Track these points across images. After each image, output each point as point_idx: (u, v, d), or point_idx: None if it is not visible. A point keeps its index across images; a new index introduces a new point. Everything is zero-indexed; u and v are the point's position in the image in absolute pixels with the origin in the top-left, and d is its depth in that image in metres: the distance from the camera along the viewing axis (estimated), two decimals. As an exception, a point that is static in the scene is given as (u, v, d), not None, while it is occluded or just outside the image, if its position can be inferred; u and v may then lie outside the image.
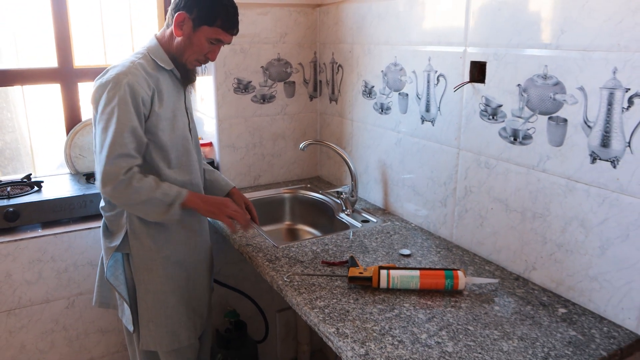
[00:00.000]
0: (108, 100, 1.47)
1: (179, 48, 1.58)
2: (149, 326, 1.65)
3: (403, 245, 1.69)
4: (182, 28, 1.55)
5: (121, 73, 1.49)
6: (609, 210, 1.21)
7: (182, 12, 1.53)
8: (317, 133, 2.48)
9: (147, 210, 1.53)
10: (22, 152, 2.38)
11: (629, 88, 1.12)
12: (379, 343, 1.15)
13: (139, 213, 1.56)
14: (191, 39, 1.56)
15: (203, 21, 1.53)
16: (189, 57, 1.60)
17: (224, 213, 1.60)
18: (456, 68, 1.58)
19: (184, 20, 1.54)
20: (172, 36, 1.58)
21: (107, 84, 1.48)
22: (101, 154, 1.47)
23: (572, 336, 1.18)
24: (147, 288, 1.64)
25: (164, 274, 1.65)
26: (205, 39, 1.56)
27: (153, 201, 1.50)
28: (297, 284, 1.43)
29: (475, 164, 1.56)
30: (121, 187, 1.46)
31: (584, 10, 1.19)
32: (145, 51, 1.60)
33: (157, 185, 1.52)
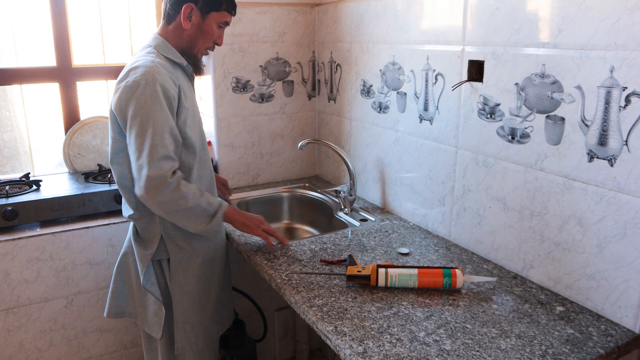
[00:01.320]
0: (141, 103, 1.40)
1: (189, 40, 1.57)
2: (184, 328, 1.63)
3: (401, 243, 1.69)
4: (190, 19, 1.53)
5: (148, 73, 1.42)
6: (606, 208, 1.21)
7: (189, 4, 1.51)
8: (315, 132, 2.48)
9: (190, 218, 1.48)
10: (20, 151, 2.38)
11: (626, 86, 1.13)
12: (377, 341, 1.15)
13: (180, 221, 1.49)
14: (201, 27, 1.55)
15: (211, 7, 1.53)
16: (200, 47, 1.59)
17: (261, 228, 1.62)
18: (454, 67, 1.58)
19: (191, 11, 1.52)
20: (178, 30, 1.56)
21: (135, 86, 1.41)
22: (140, 159, 1.40)
23: (569, 334, 1.18)
24: (183, 290, 1.61)
25: (198, 274, 1.64)
26: (215, 25, 1.56)
27: (197, 209, 1.47)
28: (295, 282, 1.43)
29: (474, 163, 1.56)
30: (168, 192, 1.40)
31: (581, 9, 1.20)
32: (153, 50, 1.55)
33: (201, 193, 1.49)
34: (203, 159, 1.64)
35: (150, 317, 1.61)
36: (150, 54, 1.53)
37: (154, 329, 1.60)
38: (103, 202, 2.02)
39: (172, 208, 1.44)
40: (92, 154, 2.30)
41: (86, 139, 2.28)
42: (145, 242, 1.59)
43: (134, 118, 1.41)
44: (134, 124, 1.41)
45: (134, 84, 1.42)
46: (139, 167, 1.41)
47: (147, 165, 1.39)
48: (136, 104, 1.41)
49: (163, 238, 1.58)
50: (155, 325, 1.60)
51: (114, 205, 2.03)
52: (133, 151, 1.42)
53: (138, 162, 1.41)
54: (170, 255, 1.59)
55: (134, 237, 1.60)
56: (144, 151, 1.39)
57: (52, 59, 2.23)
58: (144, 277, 1.58)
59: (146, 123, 1.40)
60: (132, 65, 1.49)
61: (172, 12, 1.55)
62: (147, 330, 1.63)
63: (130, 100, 1.41)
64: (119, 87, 1.45)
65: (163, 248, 1.58)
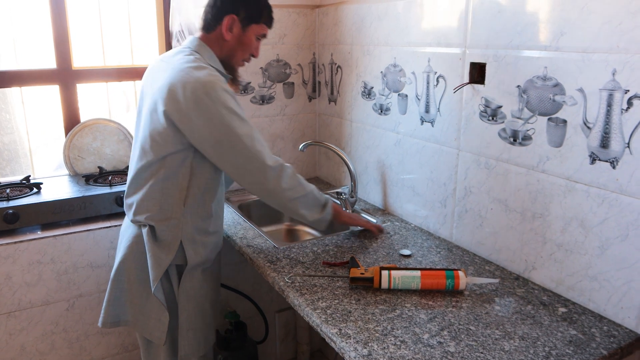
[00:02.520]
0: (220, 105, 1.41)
1: (229, 50, 1.58)
2: (188, 335, 1.61)
3: (403, 245, 1.70)
4: (232, 30, 1.55)
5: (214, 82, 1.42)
6: (608, 210, 1.22)
7: (231, 15, 1.53)
8: (316, 134, 2.48)
9: (307, 206, 1.58)
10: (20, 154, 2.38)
11: (628, 89, 1.13)
12: (382, 343, 1.15)
13: (299, 209, 1.57)
14: (241, 39, 1.57)
15: (252, 20, 1.56)
16: (238, 58, 1.61)
17: (370, 224, 1.76)
18: (456, 69, 1.59)
19: (233, 22, 1.54)
20: (218, 40, 1.57)
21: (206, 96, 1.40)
22: (257, 158, 1.46)
23: (572, 335, 1.19)
24: (189, 295, 1.59)
25: (202, 279, 1.63)
26: (254, 37, 1.59)
27: (311, 197, 1.58)
28: (298, 285, 1.43)
29: (475, 165, 1.57)
30: (288, 179, 1.51)
31: (583, 12, 1.20)
32: (199, 57, 1.52)
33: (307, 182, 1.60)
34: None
35: (153, 324, 1.57)
36: (198, 60, 1.50)
37: (157, 335, 1.57)
38: (104, 204, 2.01)
39: (294, 195, 1.54)
40: (92, 156, 2.30)
41: (86, 141, 2.28)
42: (166, 246, 1.53)
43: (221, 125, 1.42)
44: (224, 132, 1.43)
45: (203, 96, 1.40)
46: (254, 164, 1.47)
47: (264, 158, 1.47)
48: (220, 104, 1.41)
49: (182, 243, 1.55)
50: (159, 332, 1.56)
51: (115, 208, 2.03)
52: (239, 150, 1.45)
53: (251, 159, 1.46)
54: (188, 261, 1.56)
55: (151, 241, 1.53)
56: (253, 147, 1.45)
57: (52, 61, 2.23)
58: (155, 285, 1.52)
59: (242, 123, 1.45)
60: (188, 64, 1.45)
61: (212, 21, 1.56)
62: (149, 337, 1.59)
63: (209, 109, 1.40)
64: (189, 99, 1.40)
65: (181, 254, 1.55)
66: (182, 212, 1.53)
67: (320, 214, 1.61)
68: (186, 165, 1.51)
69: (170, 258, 1.53)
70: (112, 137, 2.32)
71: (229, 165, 1.49)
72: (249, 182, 1.52)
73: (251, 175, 1.49)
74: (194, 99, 1.40)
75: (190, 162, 1.51)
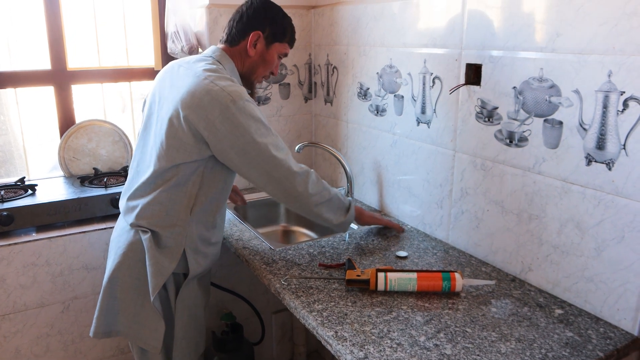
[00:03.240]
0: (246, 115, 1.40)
1: (251, 66, 1.59)
2: (181, 344, 1.59)
3: (399, 247, 1.70)
4: (255, 46, 1.57)
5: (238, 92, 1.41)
6: (604, 212, 1.22)
7: (257, 32, 1.55)
8: (312, 135, 2.48)
9: (332, 209, 1.59)
10: (15, 155, 2.36)
11: (624, 91, 1.13)
12: (378, 346, 1.15)
13: (325, 213, 1.58)
14: (264, 56, 1.59)
15: (276, 38, 1.58)
16: (259, 75, 1.62)
17: (385, 219, 1.79)
18: (452, 70, 1.59)
19: (258, 38, 1.56)
20: (241, 54, 1.58)
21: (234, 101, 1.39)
22: (284, 165, 1.46)
23: (569, 337, 1.19)
24: (185, 304, 1.58)
25: (197, 288, 1.62)
26: (276, 55, 1.61)
27: (336, 200, 1.59)
28: (294, 287, 1.43)
29: (471, 166, 1.56)
30: (314, 184, 1.52)
31: (579, 14, 1.20)
32: (221, 67, 1.52)
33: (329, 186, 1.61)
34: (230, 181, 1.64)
35: (149, 333, 1.53)
36: (221, 72, 1.48)
37: (153, 344, 1.52)
38: (99, 206, 2.00)
39: (320, 199, 1.55)
40: (87, 158, 2.29)
41: (81, 143, 2.27)
42: (169, 254, 1.49)
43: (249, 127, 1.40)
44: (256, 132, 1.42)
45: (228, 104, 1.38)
46: (281, 171, 1.46)
47: (289, 165, 1.47)
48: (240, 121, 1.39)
49: (185, 252, 1.52)
50: (155, 341, 1.52)
51: (111, 210, 2.02)
52: (266, 158, 1.44)
53: (278, 166, 1.46)
54: (190, 269, 1.53)
55: (153, 248, 1.48)
56: (279, 154, 1.46)
57: (46, 62, 2.22)
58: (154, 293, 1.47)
59: (267, 132, 1.45)
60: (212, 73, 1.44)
61: (237, 36, 1.57)
62: (144, 346, 1.54)
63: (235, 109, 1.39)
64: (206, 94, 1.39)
65: (183, 263, 1.53)
66: (188, 220, 1.50)
67: (344, 216, 1.63)
68: (198, 173, 1.48)
69: (173, 266, 1.49)
70: (108, 138, 2.31)
71: (255, 173, 1.47)
72: (275, 189, 1.50)
73: (278, 182, 1.48)
74: (220, 107, 1.38)
75: (202, 171, 1.49)
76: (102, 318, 1.56)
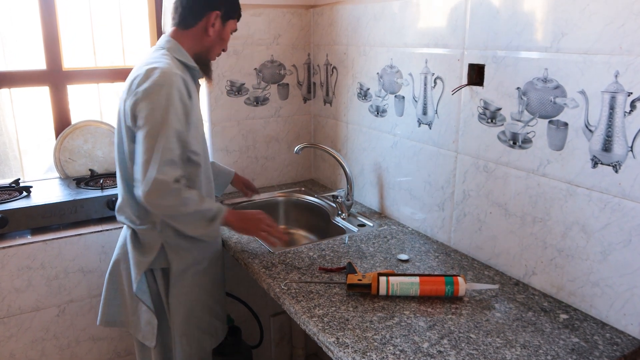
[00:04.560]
0: (157, 104, 1.39)
1: (208, 46, 1.60)
2: (182, 341, 1.61)
3: (400, 250, 1.67)
4: (214, 26, 1.57)
5: (167, 75, 1.42)
6: (610, 215, 1.19)
7: (215, 12, 1.55)
8: (311, 135, 2.45)
9: (190, 223, 1.48)
10: (9, 156, 2.33)
11: (631, 92, 1.11)
12: (380, 353, 1.12)
13: (180, 225, 1.49)
14: (221, 35, 1.61)
15: (230, 15, 1.60)
16: (215, 53, 1.64)
17: (259, 229, 1.60)
18: (454, 71, 1.56)
19: (215, 18, 1.56)
20: (197, 35, 1.57)
21: (155, 88, 1.40)
22: (148, 161, 1.38)
23: (574, 343, 1.16)
24: (179, 300, 1.59)
25: (192, 283, 1.62)
26: (231, 32, 1.64)
27: (197, 214, 1.47)
28: (294, 291, 1.40)
29: (474, 168, 1.54)
30: (170, 197, 1.40)
31: (584, 14, 1.18)
32: (167, 52, 1.53)
33: (201, 198, 1.48)
34: (207, 166, 1.65)
35: (143, 326, 1.58)
36: (165, 56, 1.51)
37: (148, 338, 1.58)
38: (95, 208, 1.97)
39: (172, 212, 1.44)
40: (83, 159, 2.26)
41: (77, 144, 2.24)
42: (145, 249, 1.55)
43: (147, 119, 1.39)
44: (147, 124, 1.39)
45: (151, 87, 1.40)
46: (144, 169, 1.39)
47: (154, 168, 1.37)
48: (152, 105, 1.39)
49: (164, 246, 1.55)
50: (149, 335, 1.58)
51: (107, 212, 1.99)
52: (141, 152, 1.40)
53: (145, 163, 1.39)
54: (171, 264, 1.56)
55: (132, 243, 1.56)
56: (153, 153, 1.38)
57: (42, 62, 2.19)
58: (137, 286, 1.55)
59: (160, 125, 1.38)
60: (148, 65, 1.45)
61: (191, 19, 1.56)
62: (141, 339, 1.61)
63: (146, 100, 1.40)
64: (137, 90, 1.41)
65: (163, 257, 1.55)
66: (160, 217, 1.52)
67: (204, 229, 1.50)
68: None
69: (148, 260, 1.53)
70: (104, 139, 2.28)
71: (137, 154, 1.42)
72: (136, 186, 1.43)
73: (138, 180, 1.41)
74: (146, 89, 1.40)
75: None
76: (106, 308, 1.65)
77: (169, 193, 1.39)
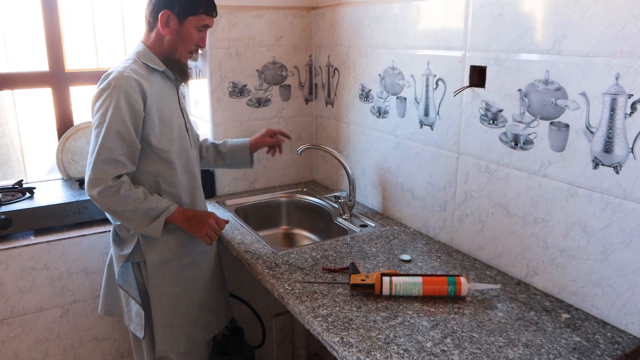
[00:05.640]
0: (103, 105, 1.48)
1: (170, 46, 1.60)
2: (164, 331, 1.65)
3: (403, 250, 1.68)
4: (168, 26, 1.56)
5: (116, 78, 1.49)
6: (611, 215, 1.21)
7: (165, 11, 1.54)
8: (312, 137, 2.46)
9: (129, 219, 1.53)
10: (12, 158, 2.34)
11: (632, 94, 1.12)
12: (385, 352, 1.13)
13: (121, 220, 1.55)
14: (180, 33, 1.58)
15: (187, 12, 1.55)
16: (182, 52, 1.62)
17: (202, 231, 1.61)
18: (455, 72, 1.57)
19: (168, 17, 1.55)
20: (159, 36, 1.59)
21: (104, 90, 1.49)
22: (90, 158, 1.48)
23: (576, 342, 1.18)
24: (162, 292, 1.64)
25: (177, 277, 1.66)
26: (194, 29, 1.58)
27: (138, 212, 1.51)
28: (298, 291, 1.41)
29: (476, 169, 1.55)
30: (107, 193, 1.47)
31: (585, 16, 1.19)
32: (134, 57, 1.59)
33: (145, 197, 1.52)
34: (184, 163, 1.65)
35: (134, 317, 1.66)
36: (128, 60, 1.58)
37: (137, 328, 1.65)
38: (98, 209, 1.98)
39: (110, 208, 1.50)
40: (86, 160, 2.26)
41: (80, 145, 2.25)
42: (122, 243, 1.63)
43: (95, 119, 1.50)
44: (94, 123, 1.50)
45: (103, 88, 1.49)
46: (87, 165, 1.49)
47: (91, 165, 1.46)
48: (99, 106, 1.49)
49: (140, 241, 1.60)
50: (138, 325, 1.65)
51: (110, 213, 2.00)
52: (90, 150, 1.50)
53: (88, 160, 1.49)
54: (146, 257, 1.61)
55: (113, 237, 1.67)
56: (94, 151, 1.47)
57: (44, 63, 2.19)
58: (120, 277, 1.63)
59: (101, 125, 1.47)
60: (109, 72, 1.54)
61: (152, 19, 1.59)
62: (132, 330, 1.68)
63: (96, 103, 1.50)
64: (95, 90, 1.53)
65: (139, 251, 1.61)
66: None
67: (144, 227, 1.53)
68: None
69: (125, 254, 1.60)
70: (106, 140, 2.28)
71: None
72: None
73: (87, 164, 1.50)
74: (97, 92, 1.51)
75: None
76: (105, 298, 1.74)
77: (106, 189, 1.46)
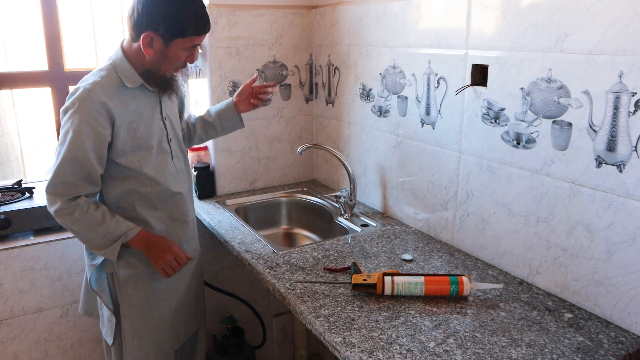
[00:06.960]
0: (66, 125, 1.43)
1: (153, 64, 1.49)
2: (133, 341, 1.63)
3: (404, 249, 1.68)
4: (152, 46, 1.44)
5: (80, 99, 1.41)
6: (615, 214, 1.20)
7: (148, 32, 1.41)
8: (313, 136, 2.45)
9: (87, 241, 1.52)
10: (11, 157, 2.33)
11: (636, 92, 1.12)
12: (387, 352, 1.13)
13: (79, 239, 1.53)
14: (165, 54, 1.46)
15: (174, 35, 1.43)
16: (167, 70, 1.52)
17: (158, 264, 1.55)
18: (457, 71, 1.57)
19: (151, 39, 1.43)
20: (141, 52, 1.47)
21: (68, 108, 1.43)
22: (48, 174, 1.45)
23: (580, 342, 1.17)
24: (131, 302, 1.61)
25: (148, 288, 1.63)
26: (181, 50, 1.47)
27: (94, 235, 1.48)
28: (300, 292, 1.40)
29: (477, 168, 1.55)
30: (62, 214, 1.45)
31: (588, 14, 1.19)
32: (110, 66, 1.49)
33: (102, 220, 1.47)
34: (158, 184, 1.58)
35: (106, 323, 1.65)
36: (101, 70, 1.49)
37: (108, 334, 1.64)
38: (98, 209, 1.97)
39: (67, 227, 1.48)
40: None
41: (79, 145, 2.24)
42: (93, 252, 1.59)
43: (60, 135, 1.45)
44: (58, 139, 1.46)
45: (66, 107, 1.44)
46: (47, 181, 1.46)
47: (48, 183, 1.44)
48: (63, 123, 1.44)
49: None
50: (109, 331, 1.64)
51: (110, 213, 1.99)
52: (57, 157, 1.46)
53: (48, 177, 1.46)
54: (116, 269, 1.58)
55: (85, 247, 1.61)
56: (52, 170, 1.44)
57: (43, 63, 2.19)
58: (95, 282, 1.62)
59: (61, 145, 1.43)
60: (81, 81, 1.48)
61: (133, 33, 1.46)
62: (104, 335, 1.67)
63: (63, 117, 1.45)
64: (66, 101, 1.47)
65: (109, 262, 1.58)
66: None
67: (101, 250, 1.51)
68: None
69: (95, 264, 1.59)
70: (106, 140, 2.28)
71: None
72: None
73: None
74: (63, 109, 1.45)
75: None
76: (84, 298, 1.72)
77: (60, 210, 1.44)
